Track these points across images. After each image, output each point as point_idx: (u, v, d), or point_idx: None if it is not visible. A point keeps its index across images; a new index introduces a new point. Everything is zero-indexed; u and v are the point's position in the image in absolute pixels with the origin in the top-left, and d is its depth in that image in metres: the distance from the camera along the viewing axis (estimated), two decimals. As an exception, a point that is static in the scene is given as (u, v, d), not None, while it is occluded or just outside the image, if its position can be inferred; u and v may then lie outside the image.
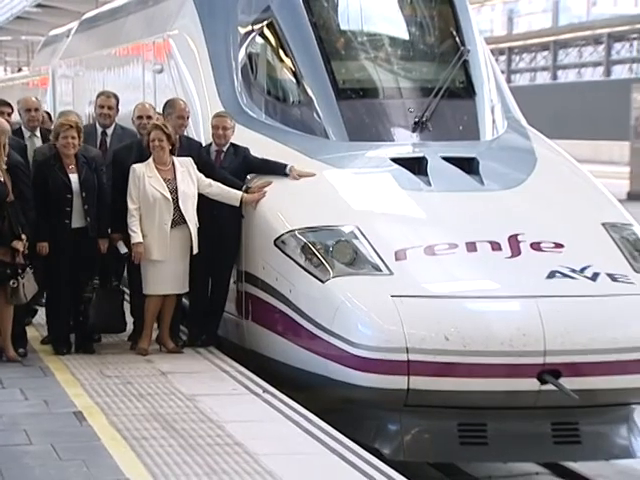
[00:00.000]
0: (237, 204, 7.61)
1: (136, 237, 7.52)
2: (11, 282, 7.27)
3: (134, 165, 7.64)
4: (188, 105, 8.40)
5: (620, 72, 38.90)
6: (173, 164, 7.65)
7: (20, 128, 8.50)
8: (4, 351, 7.46)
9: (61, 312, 7.74)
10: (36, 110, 8.58)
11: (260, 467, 5.31)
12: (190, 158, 7.72)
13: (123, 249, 7.67)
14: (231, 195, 7.62)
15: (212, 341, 7.92)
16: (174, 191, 7.58)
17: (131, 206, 7.55)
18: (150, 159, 7.65)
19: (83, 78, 14.10)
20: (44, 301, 8.12)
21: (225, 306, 7.88)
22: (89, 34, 14.90)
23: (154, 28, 10.77)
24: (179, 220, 7.57)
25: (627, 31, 39.63)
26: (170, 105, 8.21)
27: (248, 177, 7.87)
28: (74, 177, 7.58)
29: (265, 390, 6.78)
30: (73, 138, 7.54)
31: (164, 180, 7.59)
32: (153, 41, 10.63)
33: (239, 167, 7.84)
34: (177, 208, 7.56)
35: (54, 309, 7.82)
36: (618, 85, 34.96)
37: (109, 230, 7.78)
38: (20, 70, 36.69)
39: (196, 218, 7.61)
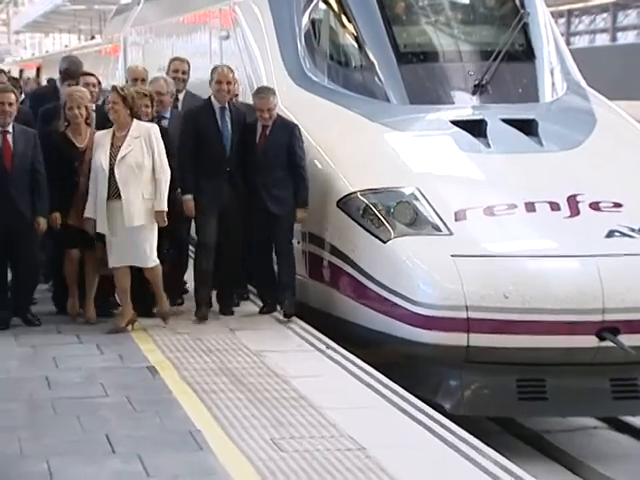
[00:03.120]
0: (159, 207, 7.00)
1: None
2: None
3: (96, 132, 7.24)
4: (251, 70, 8.32)
5: (681, 32, 37.98)
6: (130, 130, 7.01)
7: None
8: (85, 312, 7.42)
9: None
10: (142, 81, 8.48)
11: (324, 420, 5.34)
12: (156, 126, 7.19)
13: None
14: (160, 198, 7.00)
15: (291, 311, 7.49)
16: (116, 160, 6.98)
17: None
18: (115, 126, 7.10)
19: (153, 45, 14.16)
20: None
21: (295, 273, 7.57)
22: (159, 2, 14.94)
23: (220, -5, 10.77)
24: (119, 192, 6.97)
25: (688, -9, 38.60)
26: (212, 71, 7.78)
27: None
28: None
29: (328, 346, 6.80)
30: (147, 107, 7.40)
31: (115, 147, 7.00)
32: (220, 8, 10.63)
33: (285, 144, 7.43)
34: (113, 179, 6.98)
35: None
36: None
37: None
38: (93, 38, 36.89)
39: (142, 190, 6.95)
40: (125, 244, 7.06)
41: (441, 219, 6.85)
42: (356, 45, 8.49)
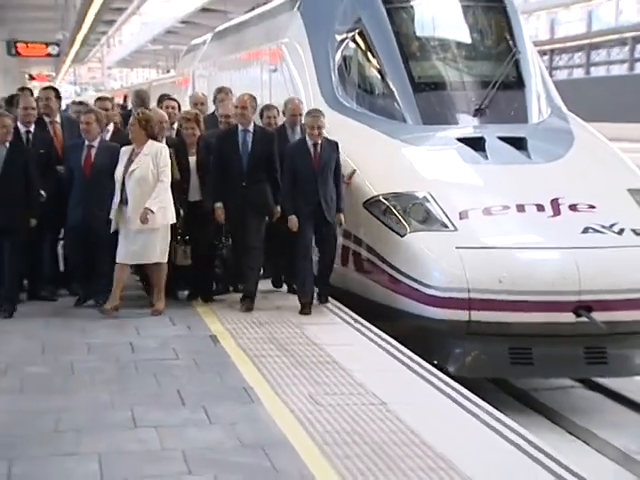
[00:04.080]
0: (147, 204, 6.68)
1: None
2: (182, 248, 7.14)
3: (122, 147, 6.92)
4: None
5: (642, 67, 37.59)
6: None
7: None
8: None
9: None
10: (202, 104, 8.34)
11: (353, 380, 5.33)
12: (165, 146, 6.90)
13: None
14: (152, 199, 6.70)
15: (326, 300, 7.31)
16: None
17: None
18: None
19: (216, 77, 14.18)
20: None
21: (331, 271, 7.29)
22: (220, 43, 14.97)
23: (270, 37, 10.77)
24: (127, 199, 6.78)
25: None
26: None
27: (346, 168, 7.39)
28: (192, 159, 7.24)
29: (356, 321, 6.77)
30: (192, 128, 7.28)
31: (130, 161, 6.79)
32: (269, 47, 10.62)
33: (333, 159, 7.19)
34: (124, 188, 6.77)
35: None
36: (640, 78, 33.69)
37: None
38: (168, 72, 37.11)
39: (146, 200, 6.66)
40: (130, 245, 6.78)
41: (448, 218, 6.79)
42: (379, 76, 8.45)
